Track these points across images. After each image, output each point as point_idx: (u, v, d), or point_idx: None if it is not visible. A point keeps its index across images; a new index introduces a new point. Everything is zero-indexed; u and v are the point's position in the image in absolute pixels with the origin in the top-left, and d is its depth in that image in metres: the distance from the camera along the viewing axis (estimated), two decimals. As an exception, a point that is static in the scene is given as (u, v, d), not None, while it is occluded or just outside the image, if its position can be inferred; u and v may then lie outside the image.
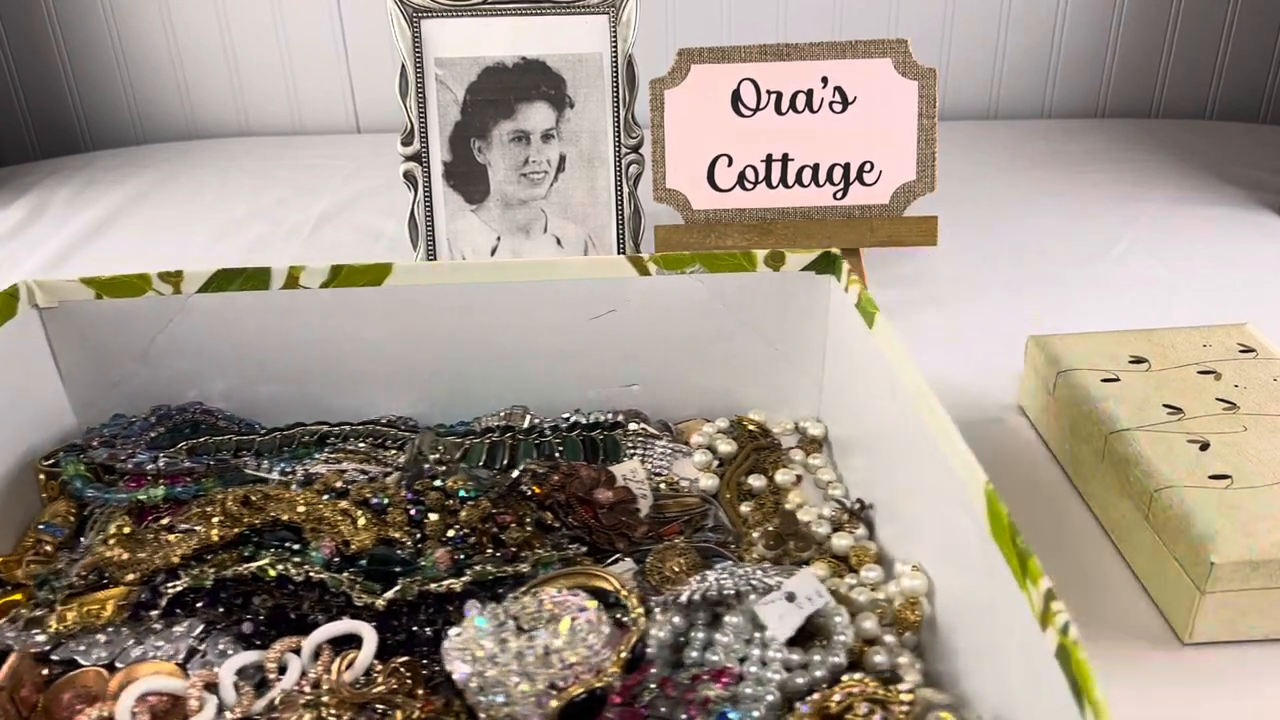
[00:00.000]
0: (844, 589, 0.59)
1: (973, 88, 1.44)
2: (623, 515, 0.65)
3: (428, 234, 0.97)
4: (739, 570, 0.56)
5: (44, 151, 1.44)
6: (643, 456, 0.72)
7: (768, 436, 0.75)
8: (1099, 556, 0.67)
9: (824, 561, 0.63)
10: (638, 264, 0.72)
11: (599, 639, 0.52)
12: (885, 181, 0.93)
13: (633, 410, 0.76)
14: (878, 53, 0.91)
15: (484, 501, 0.63)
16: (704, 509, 0.68)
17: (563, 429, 0.74)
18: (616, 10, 0.94)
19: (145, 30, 1.38)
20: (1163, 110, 1.46)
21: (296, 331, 0.72)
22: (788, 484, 0.71)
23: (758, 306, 0.74)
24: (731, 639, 0.52)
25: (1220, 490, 0.61)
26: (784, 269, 0.72)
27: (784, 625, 0.52)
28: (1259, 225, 1.12)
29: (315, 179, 1.28)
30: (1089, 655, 0.59)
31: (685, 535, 0.65)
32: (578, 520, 0.63)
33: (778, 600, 0.53)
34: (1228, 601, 0.58)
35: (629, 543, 0.63)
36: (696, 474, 0.71)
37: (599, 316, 0.73)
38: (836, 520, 0.67)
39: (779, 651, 0.51)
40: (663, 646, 0.53)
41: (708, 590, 0.54)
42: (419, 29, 0.95)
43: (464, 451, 0.71)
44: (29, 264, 1.09)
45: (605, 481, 0.66)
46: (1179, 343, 0.76)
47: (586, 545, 0.63)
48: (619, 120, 0.96)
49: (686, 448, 0.74)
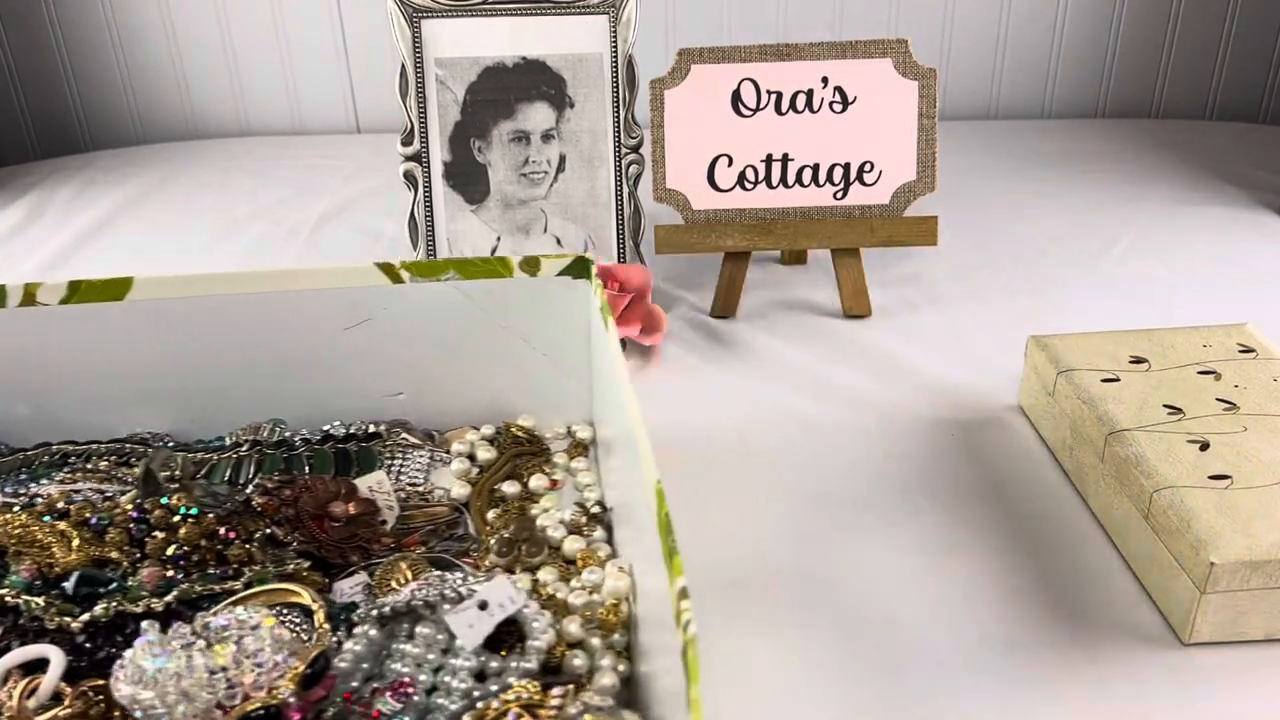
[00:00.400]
0: (563, 592, 0.60)
1: (973, 88, 1.44)
2: (362, 528, 0.65)
3: (428, 234, 0.97)
4: (438, 580, 0.56)
5: (44, 151, 1.44)
6: (400, 467, 0.72)
7: (535, 442, 0.75)
8: (1099, 556, 0.67)
9: (554, 565, 0.64)
10: (389, 272, 0.71)
11: (274, 656, 0.52)
12: (885, 181, 0.93)
13: (398, 420, 0.76)
14: (878, 53, 0.91)
15: (207, 518, 0.62)
16: (454, 518, 0.68)
17: (314, 441, 0.73)
18: (616, 10, 0.94)
19: (145, 30, 1.38)
20: (1163, 110, 1.46)
21: (37, 351, 0.71)
22: (541, 489, 0.71)
23: (521, 313, 0.74)
24: (423, 650, 0.53)
25: (1220, 490, 0.61)
26: (541, 274, 0.72)
27: (474, 634, 0.53)
28: (1259, 225, 1.12)
29: (315, 179, 1.28)
30: (1088, 655, 0.59)
31: (429, 545, 0.65)
32: (306, 535, 0.63)
33: (469, 609, 0.54)
34: (1228, 601, 0.58)
35: (367, 555, 0.64)
36: (455, 482, 0.71)
37: (354, 326, 0.73)
38: (575, 524, 0.67)
39: (467, 660, 0.52)
40: (359, 659, 0.53)
41: (400, 602, 0.55)
42: (419, 29, 0.95)
43: (209, 467, 0.71)
44: (29, 264, 1.09)
45: (345, 495, 0.66)
46: (1179, 343, 0.76)
47: (316, 560, 0.62)
48: (619, 120, 0.96)
49: (447, 456, 0.74)
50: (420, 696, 0.51)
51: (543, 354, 0.75)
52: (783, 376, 0.87)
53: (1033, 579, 0.65)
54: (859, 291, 0.95)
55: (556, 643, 0.56)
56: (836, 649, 0.60)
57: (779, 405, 0.83)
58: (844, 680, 0.58)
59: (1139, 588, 0.64)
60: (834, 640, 0.61)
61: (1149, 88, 1.45)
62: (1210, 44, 1.42)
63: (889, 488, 0.73)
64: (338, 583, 0.62)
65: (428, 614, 0.55)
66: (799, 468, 0.76)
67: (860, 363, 0.88)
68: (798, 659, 0.59)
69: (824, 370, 0.87)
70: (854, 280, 0.95)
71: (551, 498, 0.71)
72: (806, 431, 0.80)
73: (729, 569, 0.66)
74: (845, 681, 0.58)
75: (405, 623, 0.55)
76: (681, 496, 0.73)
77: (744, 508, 0.72)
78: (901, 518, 0.70)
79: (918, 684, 0.58)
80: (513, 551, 0.64)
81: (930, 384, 0.85)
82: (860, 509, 0.71)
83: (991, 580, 0.65)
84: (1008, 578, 0.65)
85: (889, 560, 0.67)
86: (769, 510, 0.72)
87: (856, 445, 0.78)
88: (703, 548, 0.68)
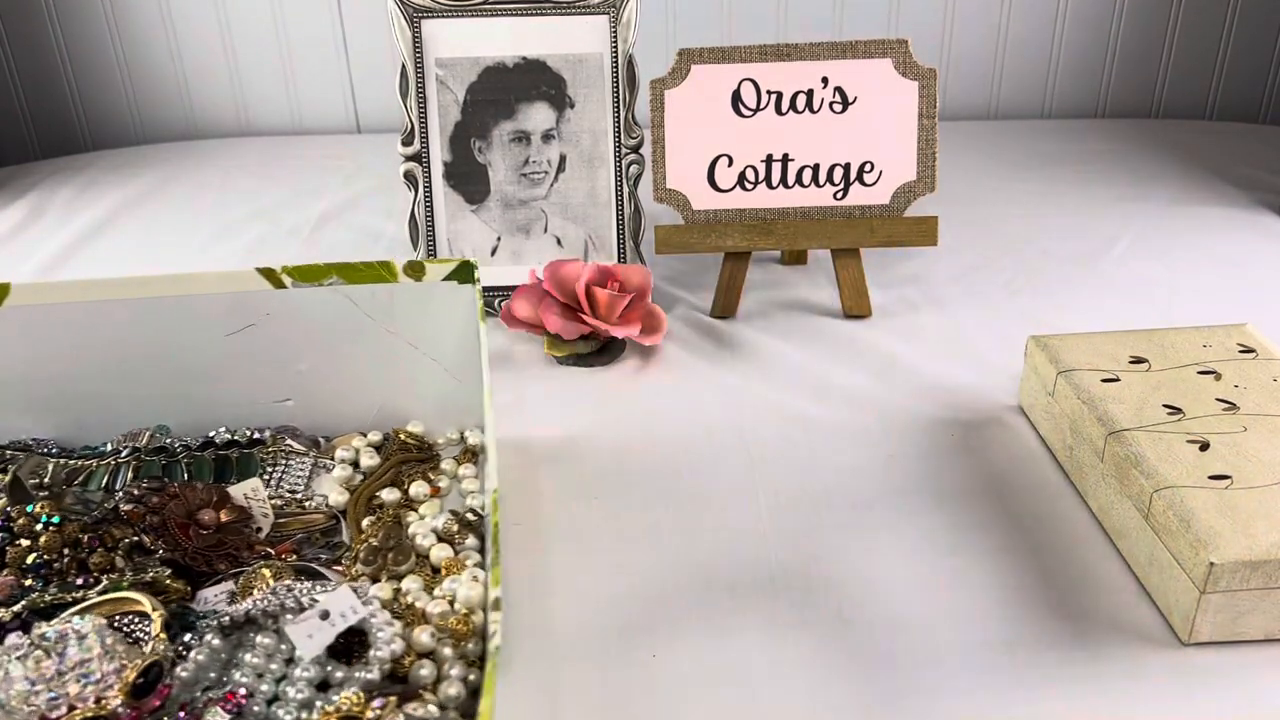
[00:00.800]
0: (423, 601, 0.60)
1: (973, 88, 1.44)
2: (233, 535, 0.65)
3: (428, 234, 0.97)
4: (284, 590, 0.56)
5: (44, 151, 1.44)
6: (282, 473, 0.72)
7: (425, 449, 0.75)
8: (1099, 556, 0.67)
9: (420, 574, 0.63)
10: (271, 277, 0.71)
11: (103, 666, 0.52)
12: (885, 181, 0.93)
13: (285, 426, 0.76)
14: (878, 53, 0.91)
15: (70, 526, 0.62)
16: (330, 525, 0.68)
17: (194, 448, 0.73)
18: (616, 10, 0.94)
19: (145, 30, 1.38)
20: (1163, 110, 1.46)
21: None
22: (421, 496, 0.70)
23: (409, 318, 0.73)
24: (264, 660, 0.53)
25: (1220, 490, 0.61)
26: (426, 279, 0.72)
27: (313, 644, 0.53)
28: (1259, 225, 1.12)
29: (315, 179, 1.28)
30: (1088, 655, 0.59)
31: (301, 553, 0.65)
32: (171, 543, 0.63)
33: (310, 618, 0.54)
34: (1227, 601, 0.58)
35: (237, 563, 0.63)
36: (336, 489, 0.71)
37: (237, 332, 0.72)
38: (447, 532, 0.67)
39: (306, 671, 0.52)
40: (200, 669, 0.53)
41: (239, 612, 0.54)
42: (419, 29, 0.95)
43: (86, 474, 0.70)
44: (29, 264, 1.09)
45: (217, 502, 0.66)
46: (1179, 343, 0.76)
47: (183, 569, 0.62)
48: (619, 120, 0.96)
49: (331, 463, 0.73)
50: (261, 707, 0.51)
51: (432, 359, 0.74)
52: (783, 376, 0.87)
53: (1033, 579, 0.65)
54: (859, 292, 0.95)
55: (406, 652, 0.56)
56: (837, 649, 0.60)
57: (779, 405, 0.83)
58: (844, 680, 0.58)
59: (1139, 588, 0.64)
60: (834, 640, 0.61)
61: (1149, 88, 1.45)
62: (1210, 44, 1.42)
63: (889, 488, 0.73)
64: (203, 591, 0.61)
65: (268, 624, 0.54)
66: (799, 468, 0.76)
67: (860, 363, 0.88)
68: (798, 659, 0.59)
69: (824, 370, 0.87)
70: (854, 280, 0.95)
71: (431, 505, 0.70)
72: (806, 431, 0.80)
73: (729, 569, 0.66)
74: (845, 681, 0.58)
75: (253, 632, 0.55)
76: (681, 496, 0.73)
77: (744, 508, 0.72)
78: (901, 518, 0.70)
79: (918, 684, 0.58)
80: (378, 560, 0.64)
81: (930, 384, 0.85)
82: (860, 509, 0.71)
83: (991, 580, 0.65)
84: (1008, 578, 0.65)
85: (889, 560, 0.67)
86: (769, 510, 0.72)
87: (856, 445, 0.78)
88: (703, 548, 0.68)
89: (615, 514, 0.72)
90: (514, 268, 0.98)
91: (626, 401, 0.84)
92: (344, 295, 0.72)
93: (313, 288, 0.71)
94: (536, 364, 0.90)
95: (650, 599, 0.64)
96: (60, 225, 1.18)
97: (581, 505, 0.72)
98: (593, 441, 0.79)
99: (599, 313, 0.89)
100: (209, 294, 0.71)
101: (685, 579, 0.66)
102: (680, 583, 0.65)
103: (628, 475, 0.75)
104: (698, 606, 0.64)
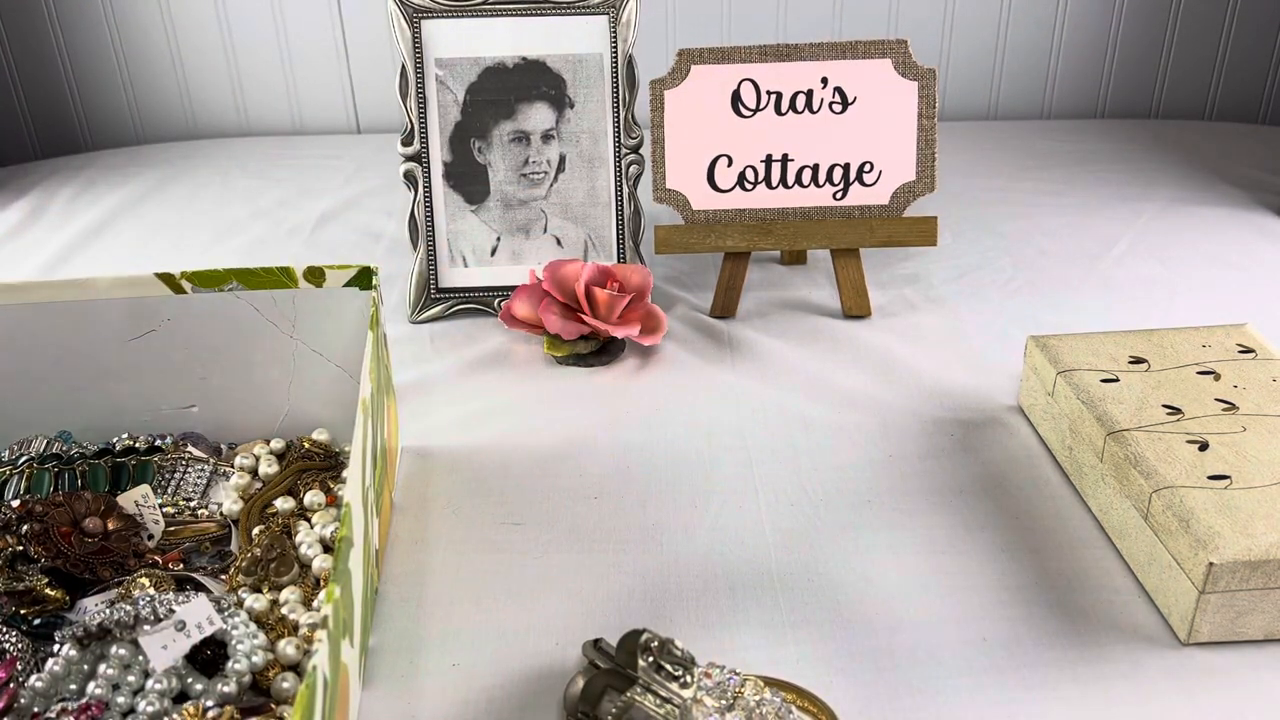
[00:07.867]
0: (299, 613, 0.60)
1: (973, 88, 1.44)
2: (119, 543, 0.64)
3: (428, 234, 0.97)
4: (145, 600, 0.56)
5: (44, 151, 1.44)
6: (179, 481, 0.71)
7: (330, 456, 0.74)
8: (1099, 556, 0.67)
9: (302, 585, 0.63)
10: (170, 282, 0.70)
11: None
12: (885, 182, 0.93)
13: (189, 433, 0.75)
14: (878, 53, 0.91)
15: None
16: (222, 534, 0.68)
17: (89, 455, 0.72)
18: (616, 10, 0.94)
19: (145, 30, 1.38)
20: (1163, 110, 1.46)
21: None
22: (316, 505, 0.70)
23: (312, 324, 0.72)
24: (119, 671, 0.53)
25: (1219, 490, 0.61)
26: (327, 285, 0.71)
27: (167, 655, 0.53)
28: (1259, 225, 1.12)
29: (315, 179, 1.28)
30: (1088, 655, 0.59)
31: (188, 562, 0.65)
32: (53, 551, 0.62)
33: (166, 629, 0.53)
34: (1227, 601, 0.58)
35: (122, 571, 0.63)
36: (233, 497, 0.70)
37: (138, 337, 0.71)
38: (333, 542, 0.66)
39: (159, 683, 0.52)
40: (55, 680, 0.53)
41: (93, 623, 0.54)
42: (419, 29, 0.95)
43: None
44: (29, 264, 1.09)
45: (104, 510, 0.65)
46: (1179, 343, 0.76)
47: (66, 577, 0.62)
48: (619, 120, 0.96)
49: (232, 470, 0.73)
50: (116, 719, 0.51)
51: (337, 366, 0.74)
52: (783, 376, 0.87)
53: (1033, 579, 0.65)
54: (859, 292, 0.95)
55: (270, 664, 0.55)
56: (836, 649, 0.60)
57: (779, 405, 0.83)
58: (844, 680, 0.58)
59: (1139, 588, 0.64)
60: (834, 640, 0.61)
61: (1149, 88, 1.45)
62: (1210, 44, 1.42)
63: (889, 488, 0.73)
64: (83, 600, 0.61)
65: (123, 635, 0.54)
66: (799, 468, 0.76)
67: (860, 363, 0.89)
68: (798, 659, 0.59)
69: (824, 370, 0.87)
70: (854, 280, 0.95)
71: (324, 514, 0.69)
72: (806, 431, 0.80)
73: (729, 569, 0.66)
74: (845, 681, 0.58)
75: (110, 643, 0.54)
76: (681, 497, 0.73)
77: (744, 508, 0.72)
78: (901, 518, 0.70)
79: (918, 683, 0.58)
80: (259, 570, 0.63)
81: (930, 384, 0.85)
82: (860, 509, 0.71)
83: (991, 580, 0.65)
84: (1008, 578, 0.65)
85: (889, 560, 0.67)
86: (769, 510, 0.72)
87: (856, 445, 0.78)
88: (703, 548, 0.68)
89: (615, 513, 0.72)
90: (514, 268, 0.98)
91: (626, 401, 0.84)
92: (245, 301, 0.71)
93: (212, 293, 0.70)
94: (536, 364, 0.90)
95: (650, 599, 0.64)
96: (60, 225, 1.18)
97: (582, 505, 0.73)
98: (593, 441, 0.79)
99: (599, 313, 0.89)
100: (108, 299, 0.70)
101: (685, 579, 0.66)
102: (680, 583, 0.65)
103: (628, 475, 0.75)
104: (697, 607, 0.64)
